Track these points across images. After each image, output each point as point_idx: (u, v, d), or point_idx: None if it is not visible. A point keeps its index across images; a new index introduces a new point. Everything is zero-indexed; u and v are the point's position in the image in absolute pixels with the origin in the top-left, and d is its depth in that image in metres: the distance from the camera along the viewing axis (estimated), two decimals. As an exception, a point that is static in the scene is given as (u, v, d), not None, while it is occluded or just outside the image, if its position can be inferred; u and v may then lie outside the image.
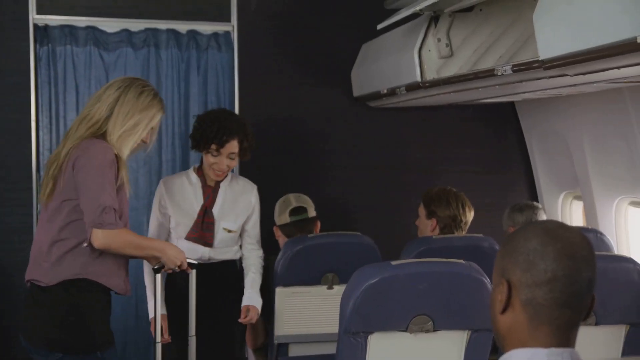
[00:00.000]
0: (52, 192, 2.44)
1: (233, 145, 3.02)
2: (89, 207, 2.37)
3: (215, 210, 3.10)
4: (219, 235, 3.10)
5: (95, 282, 2.46)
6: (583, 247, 1.37)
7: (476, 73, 2.89)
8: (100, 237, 2.37)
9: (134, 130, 2.53)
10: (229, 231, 3.12)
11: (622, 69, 2.11)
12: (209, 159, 3.02)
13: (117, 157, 2.46)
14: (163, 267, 2.64)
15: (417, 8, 3.03)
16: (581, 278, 1.35)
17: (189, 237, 3.07)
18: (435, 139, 4.36)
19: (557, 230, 1.38)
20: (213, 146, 2.99)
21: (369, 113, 4.25)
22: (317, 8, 4.14)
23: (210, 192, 3.11)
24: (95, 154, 2.41)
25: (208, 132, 2.99)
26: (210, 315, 3.06)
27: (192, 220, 3.08)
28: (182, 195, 3.11)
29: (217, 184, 3.13)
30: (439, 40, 3.22)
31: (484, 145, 4.41)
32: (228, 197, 3.14)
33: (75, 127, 2.52)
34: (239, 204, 3.15)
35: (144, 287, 3.07)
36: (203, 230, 3.06)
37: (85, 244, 2.42)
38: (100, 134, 2.49)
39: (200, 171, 3.13)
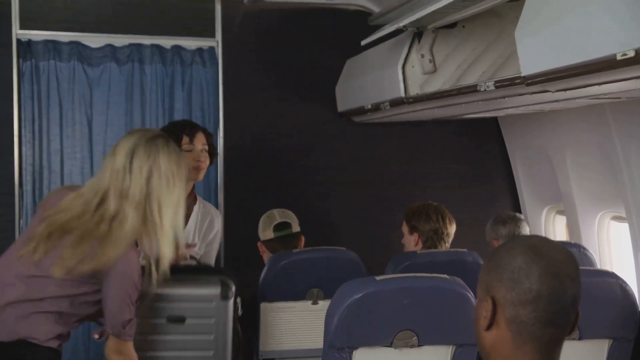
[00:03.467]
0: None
1: (202, 137, 3.09)
2: (112, 320, 2.26)
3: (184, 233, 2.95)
4: None
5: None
6: (567, 265, 1.37)
7: (459, 89, 2.91)
8: (115, 344, 2.28)
9: (181, 201, 2.32)
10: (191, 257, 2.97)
11: (602, 85, 2.14)
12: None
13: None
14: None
15: (401, 24, 3.06)
16: (565, 296, 1.35)
17: None
18: (419, 154, 4.38)
19: (542, 247, 1.38)
20: (185, 139, 3.03)
21: (353, 128, 4.27)
22: (302, 24, 4.16)
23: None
24: (126, 274, 2.25)
25: (177, 127, 3.07)
26: None
27: None
28: None
29: (191, 207, 3.09)
30: (422, 56, 3.25)
31: (467, 161, 4.44)
32: (199, 221, 3.12)
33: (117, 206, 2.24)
34: (207, 229, 3.14)
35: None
36: None
37: (96, 337, 2.33)
38: None
39: None
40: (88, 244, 2.20)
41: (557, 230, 4.12)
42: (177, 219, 2.31)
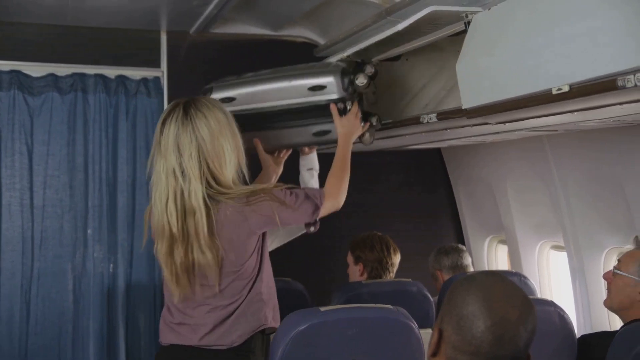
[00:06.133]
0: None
1: None
2: (301, 220, 2.34)
3: None
4: None
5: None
6: (516, 326, 1.36)
7: (403, 121, 2.96)
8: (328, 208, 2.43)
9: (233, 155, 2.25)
10: None
11: (539, 118, 2.21)
12: None
13: None
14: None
15: (345, 55, 3.10)
16: (504, 355, 1.36)
17: None
18: (364, 185, 4.40)
19: (497, 302, 1.37)
20: None
21: (299, 158, 4.27)
22: (248, 55, 4.17)
23: None
24: (260, 209, 2.21)
25: None
26: None
27: None
28: None
29: None
30: (366, 88, 3.28)
31: (412, 191, 4.49)
32: None
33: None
34: None
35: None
36: None
37: (312, 229, 2.44)
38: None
39: None
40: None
41: (499, 259, 4.19)
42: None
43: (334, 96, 2.59)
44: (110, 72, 3.90)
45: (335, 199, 2.49)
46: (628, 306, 2.36)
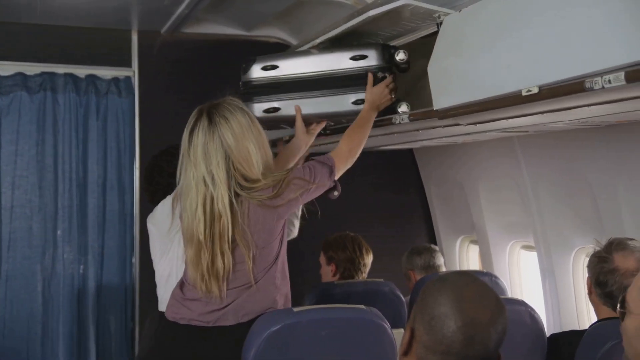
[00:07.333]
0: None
1: None
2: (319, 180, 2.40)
3: None
4: None
5: None
6: (487, 328, 1.37)
7: (375, 121, 2.96)
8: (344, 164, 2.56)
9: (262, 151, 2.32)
10: None
11: (510, 120, 2.23)
12: None
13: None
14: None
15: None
16: (474, 356, 1.37)
17: None
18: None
19: (469, 303, 1.38)
20: None
21: (272, 159, 4.27)
22: (220, 55, 4.15)
23: None
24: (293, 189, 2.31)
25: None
26: None
27: None
28: None
29: None
30: (338, 88, 3.29)
31: (384, 191, 4.49)
32: None
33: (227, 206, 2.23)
34: None
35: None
36: None
37: (336, 193, 2.52)
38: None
39: None
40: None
41: (470, 259, 4.22)
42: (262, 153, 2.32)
43: (374, 64, 2.70)
44: (81, 71, 3.87)
45: (346, 156, 2.60)
46: (591, 300, 2.41)
